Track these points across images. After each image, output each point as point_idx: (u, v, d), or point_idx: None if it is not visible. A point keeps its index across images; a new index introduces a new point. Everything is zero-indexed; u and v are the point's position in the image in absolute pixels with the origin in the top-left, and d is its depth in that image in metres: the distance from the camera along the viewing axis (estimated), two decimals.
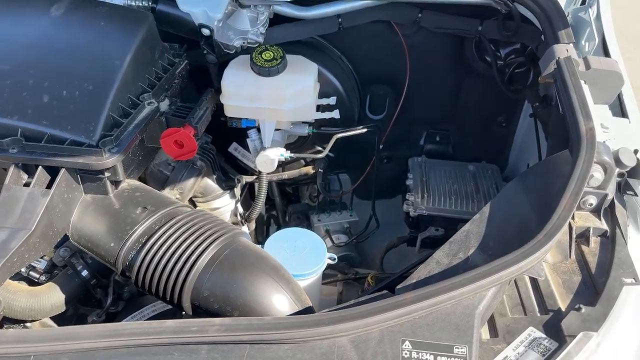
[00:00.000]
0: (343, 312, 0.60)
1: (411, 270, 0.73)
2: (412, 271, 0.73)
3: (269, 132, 1.09)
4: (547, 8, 0.96)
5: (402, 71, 1.38)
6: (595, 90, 0.92)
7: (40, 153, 0.79)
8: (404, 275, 0.77)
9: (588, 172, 0.72)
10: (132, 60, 0.90)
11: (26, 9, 0.97)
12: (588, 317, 0.68)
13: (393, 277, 0.82)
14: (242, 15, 1.10)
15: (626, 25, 4.62)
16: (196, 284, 0.73)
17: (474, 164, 1.41)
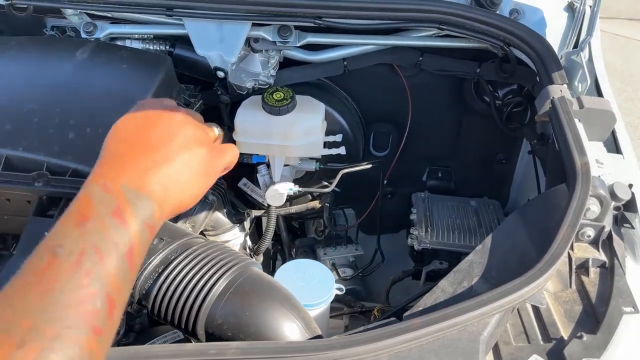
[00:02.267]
0: (354, 337, 0.63)
1: (417, 299, 0.75)
2: (418, 300, 0.76)
3: (278, 168, 1.13)
4: (541, 51, 1.02)
5: (404, 110, 1.44)
6: (590, 128, 0.97)
7: (64, 186, 0.83)
8: (410, 305, 0.80)
9: (584, 205, 0.76)
10: None
11: (53, 53, 1.04)
12: (590, 344, 0.70)
13: (400, 305, 0.84)
14: (254, 58, 1.17)
15: (621, 66, 4.75)
16: (210, 312, 0.76)
17: (476, 199, 1.45)
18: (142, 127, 0.58)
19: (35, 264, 0.43)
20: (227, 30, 1.11)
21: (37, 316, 0.39)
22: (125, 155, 0.55)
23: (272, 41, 1.15)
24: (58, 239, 0.45)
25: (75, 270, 0.43)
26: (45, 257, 0.43)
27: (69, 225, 0.46)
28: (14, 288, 0.41)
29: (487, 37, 1.08)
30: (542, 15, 1.18)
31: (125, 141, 0.57)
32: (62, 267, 0.42)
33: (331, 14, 1.06)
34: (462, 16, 1.04)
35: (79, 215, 0.47)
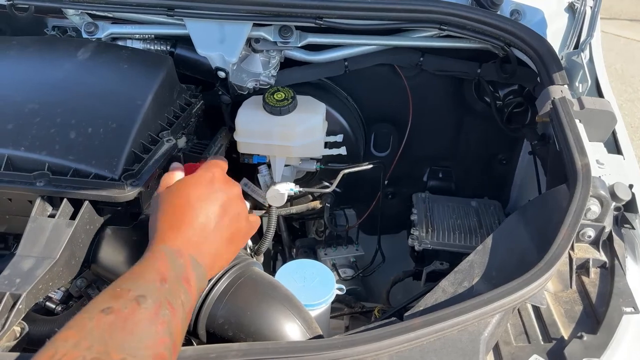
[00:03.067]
0: (354, 336, 0.63)
1: (418, 299, 0.76)
2: (418, 300, 0.76)
3: (279, 168, 1.13)
4: (542, 52, 1.02)
5: (405, 111, 1.44)
6: (590, 128, 0.97)
7: (65, 186, 0.83)
8: (411, 305, 0.80)
9: (584, 205, 0.76)
10: (153, 101, 0.96)
11: (54, 53, 1.04)
12: (590, 344, 0.70)
13: (401, 305, 0.84)
14: (255, 59, 1.17)
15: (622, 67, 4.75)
16: (211, 312, 0.76)
17: (477, 200, 1.45)
18: (207, 201, 0.71)
19: (120, 310, 0.53)
20: (228, 30, 1.11)
21: (125, 351, 0.50)
22: (191, 224, 0.68)
23: (273, 41, 1.15)
24: (141, 291, 0.56)
25: (154, 319, 0.54)
26: (130, 307, 0.54)
27: (149, 279, 0.59)
28: (100, 322, 0.52)
29: (487, 38, 1.09)
30: (543, 15, 1.18)
31: (192, 209, 0.69)
32: (144, 315, 0.54)
33: (332, 14, 1.07)
34: (463, 17, 1.05)
35: (159, 275, 0.59)
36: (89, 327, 0.51)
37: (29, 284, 0.72)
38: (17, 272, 0.74)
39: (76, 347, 0.49)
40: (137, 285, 0.57)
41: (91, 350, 0.49)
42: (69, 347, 0.49)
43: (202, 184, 0.73)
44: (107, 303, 0.54)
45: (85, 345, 0.49)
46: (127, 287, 0.57)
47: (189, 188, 0.72)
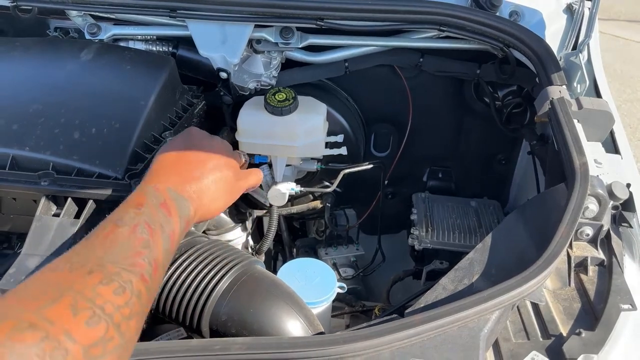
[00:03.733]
0: (356, 332, 0.64)
1: (419, 297, 0.77)
2: (419, 297, 0.77)
3: (280, 168, 1.14)
4: (540, 53, 1.03)
5: (405, 111, 1.45)
6: (588, 128, 0.98)
7: (69, 185, 0.84)
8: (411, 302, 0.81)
9: (582, 203, 0.77)
10: (156, 101, 0.97)
11: (58, 54, 1.05)
12: (588, 341, 0.71)
13: (401, 302, 0.85)
14: (257, 60, 1.18)
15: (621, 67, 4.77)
16: (215, 309, 0.77)
17: (476, 199, 1.46)
18: (185, 149, 0.77)
19: (100, 232, 0.58)
20: (230, 31, 1.12)
21: (103, 259, 0.53)
22: (171, 169, 0.74)
23: (274, 42, 1.16)
24: (119, 215, 0.61)
25: (131, 236, 0.58)
26: (109, 227, 0.59)
27: (127, 208, 0.63)
28: (81, 246, 0.56)
29: (487, 39, 1.10)
30: (541, 17, 1.19)
31: (171, 159, 0.75)
32: (122, 233, 0.58)
33: (333, 16, 1.08)
34: (462, 18, 1.06)
35: (135, 203, 0.64)
36: (72, 249, 0.56)
37: None
38: (23, 270, 0.75)
39: (58, 261, 0.53)
40: (115, 213, 0.62)
41: (70, 260, 0.53)
42: (54, 262, 0.53)
43: (179, 138, 0.82)
44: (90, 233, 0.59)
45: (66, 258, 0.53)
46: (107, 219, 0.62)
47: (173, 144, 0.80)
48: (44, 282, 0.50)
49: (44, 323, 0.43)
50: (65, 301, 0.46)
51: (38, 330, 0.43)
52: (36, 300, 0.46)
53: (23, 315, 0.44)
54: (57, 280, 0.50)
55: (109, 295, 0.50)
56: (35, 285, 0.49)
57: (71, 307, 0.46)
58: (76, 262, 0.52)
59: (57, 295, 0.47)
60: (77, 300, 0.47)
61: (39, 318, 0.44)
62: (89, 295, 0.48)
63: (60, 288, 0.48)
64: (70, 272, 0.51)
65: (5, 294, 0.49)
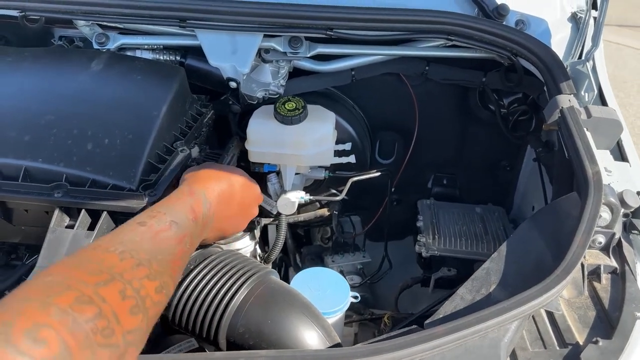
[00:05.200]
0: (378, 345, 0.64)
1: (436, 307, 0.77)
2: (436, 307, 0.77)
3: (290, 176, 1.14)
4: (549, 62, 1.04)
5: (410, 118, 1.46)
6: (597, 137, 0.99)
7: (83, 197, 0.84)
8: (429, 312, 0.81)
9: (597, 213, 0.78)
10: (167, 111, 0.97)
11: (68, 64, 1.05)
12: (605, 349, 0.72)
13: (419, 312, 0.85)
14: (265, 69, 1.18)
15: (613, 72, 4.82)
16: (232, 321, 0.77)
17: (481, 206, 1.47)
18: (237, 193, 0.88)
19: (154, 224, 0.65)
20: (240, 41, 1.12)
21: (151, 255, 0.59)
22: (213, 187, 0.83)
23: (283, 52, 1.16)
24: (174, 217, 0.68)
25: (178, 245, 0.66)
26: (162, 225, 0.65)
27: (186, 212, 0.71)
28: (133, 232, 0.62)
29: (494, 48, 1.11)
30: (547, 25, 1.20)
31: (224, 188, 0.85)
32: (172, 237, 0.65)
33: (342, 26, 1.08)
34: (471, 27, 1.07)
35: (192, 214, 0.72)
36: (123, 230, 0.62)
37: None
38: None
39: (110, 241, 0.58)
40: (172, 213, 0.69)
41: (123, 244, 0.58)
42: (106, 240, 0.58)
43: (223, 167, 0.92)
44: (143, 219, 0.65)
45: (118, 240, 0.59)
46: (163, 211, 0.68)
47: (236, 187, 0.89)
48: (98, 261, 0.53)
49: (99, 300, 0.47)
50: (116, 285, 0.50)
51: (94, 306, 0.46)
52: (92, 276, 0.49)
53: (84, 288, 0.47)
54: (109, 264, 0.53)
55: (152, 290, 0.54)
56: (89, 261, 0.53)
57: (120, 293, 0.50)
58: (127, 251, 0.56)
59: (109, 277, 0.50)
60: (126, 288, 0.51)
61: (95, 294, 0.47)
62: (136, 286, 0.52)
63: (112, 272, 0.51)
64: (120, 261, 0.54)
65: (60, 261, 0.53)
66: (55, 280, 0.47)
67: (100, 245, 0.57)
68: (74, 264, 0.52)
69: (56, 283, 0.46)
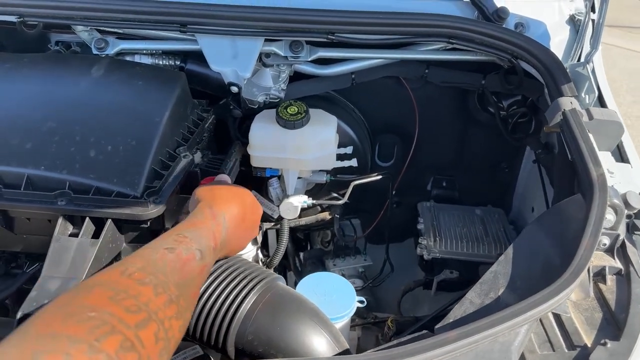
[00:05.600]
0: (391, 351, 0.63)
1: (445, 310, 0.77)
2: (445, 311, 0.77)
3: (292, 181, 1.14)
4: (549, 64, 1.05)
5: (409, 121, 1.46)
6: (599, 138, 0.99)
7: (87, 205, 0.83)
8: (438, 316, 0.81)
9: (603, 215, 0.78)
10: (170, 117, 0.96)
11: (68, 70, 1.04)
12: (614, 351, 0.72)
13: (429, 316, 0.85)
14: (266, 73, 1.18)
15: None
16: (240, 328, 0.76)
17: (481, 208, 1.47)
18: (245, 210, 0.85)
19: (181, 253, 0.63)
20: (241, 46, 1.12)
21: (179, 290, 0.58)
22: (231, 210, 0.81)
23: (284, 56, 1.16)
24: (199, 245, 0.67)
25: (199, 275, 0.66)
26: (189, 254, 0.64)
27: (206, 241, 0.70)
28: (162, 259, 0.61)
29: (495, 51, 1.11)
30: (546, 28, 1.21)
31: (238, 210, 0.82)
32: (198, 265, 0.65)
33: (344, 30, 1.08)
34: (472, 30, 1.07)
35: (213, 241, 0.72)
36: (153, 258, 0.60)
37: None
38: (45, 293, 0.74)
39: (143, 270, 0.57)
40: (197, 240, 0.68)
41: (156, 276, 0.57)
42: (137, 268, 0.57)
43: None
44: (170, 244, 0.64)
45: (150, 270, 0.57)
46: (189, 237, 0.67)
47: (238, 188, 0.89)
48: (135, 294, 0.53)
49: (139, 345, 0.48)
50: (152, 327, 0.51)
51: (135, 352, 0.47)
52: (131, 315, 0.50)
53: (126, 331, 0.48)
54: (146, 299, 0.53)
55: (177, 330, 0.55)
56: (126, 292, 0.52)
57: (155, 335, 0.50)
58: (160, 285, 0.56)
59: (147, 317, 0.51)
60: (159, 330, 0.51)
61: (136, 338, 0.48)
62: (166, 326, 0.53)
63: (148, 310, 0.52)
64: (155, 296, 0.54)
65: (92, 284, 0.53)
66: (99, 318, 0.47)
67: (133, 273, 0.56)
68: (108, 295, 0.51)
69: (101, 322, 0.47)
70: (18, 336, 0.44)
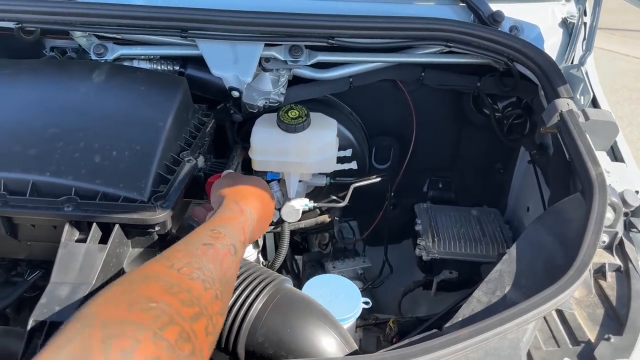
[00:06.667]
0: (404, 350, 0.64)
1: (451, 310, 0.78)
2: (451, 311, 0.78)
3: (293, 184, 1.15)
4: (545, 67, 1.07)
5: (406, 124, 1.48)
6: (594, 138, 1.02)
7: (94, 210, 0.83)
8: (443, 315, 0.82)
9: (604, 213, 0.81)
10: (173, 122, 0.96)
11: (68, 76, 1.03)
12: (618, 346, 0.74)
13: (437, 316, 0.86)
14: (265, 77, 1.19)
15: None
16: (251, 330, 0.77)
17: (477, 208, 1.49)
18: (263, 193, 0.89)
19: (219, 249, 0.65)
20: (241, 50, 1.13)
21: (222, 286, 0.61)
22: (255, 204, 0.84)
23: (284, 60, 1.17)
24: (232, 240, 0.69)
25: (235, 269, 0.68)
26: (225, 249, 0.66)
27: (237, 236, 0.72)
28: (204, 255, 0.62)
29: (491, 54, 1.13)
30: (539, 31, 1.23)
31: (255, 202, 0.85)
32: (233, 260, 0.67)
33: (344, 34, 1.09)
34: (469, 34, 1.09)
35: (243, 235, 0.74)
36: (196, 253, 0.61)
37: (69, 312, 0.71)
38: (55, 300, 0.73)
39: (189, 265, 0.58)
40: (230, 235, 0.69)
41: (202, 270, 0.58)
42: (184, 263, 0.58)
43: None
44: (208, 240, 0.65)
45: (197, 266, 0.58)
46: (223, 232, 0.68)
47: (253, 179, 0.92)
48: (187, 288, 0.55)
49: (193, 337, 0.50)
50: (203, 321, 0.53)
51: (190, 343, 0.49)
52: (186, 307, 0.52)
53: (183, 323, 0.50)
54: (197, 294, 0.55)
55: (219, 324, 0.58)
56: (179, 287, 0.54)
57: (205, 329, 0.53)
58: (207, 280, 0.58)
59: (199, 311, 0.53)
60: (209, 324, 0.54)
61: (191, 330, 0.50)
62: (214, 321, 0.56)
63: (200, 304, 0.54)
64: (204, 291, 0.56)
65: (145, 275, 0.55)
66: (159, 308, 0.50)
67: (181, 268, 0.57)
68: (164, 287, 0.53)
69: (161, 312, 0.49)
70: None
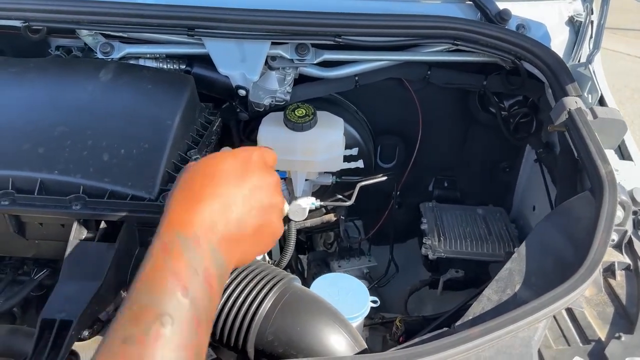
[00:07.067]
0: (415, 348, 0.64)
1: (462, 308, 0.78)
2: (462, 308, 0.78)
3: (300, 183, 1.15)
4: (553, 65, 1.07)
5: (411, 122, 1.48)
6: (603, 137, 1.01)
7: (103, 208, 0.83)
8: (455, 313, 0.82)
9: (615, 211, 0.80)
10: (181, 120, 0.96)
11: (75, 74, 1.03)
12: (629, 344, 0.73)
13: (447, 313, 0.86)
14: (272, 76, 1.19)
15: None
16: (260, 329, 0.76)
17: (482, 207, 1.49)
18: (235, 177, 0.58)
19: (144, 337, 0.46)
20: (248, 49, 1.12)
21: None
22: (211, 199, 0.55)
23: (290, 59, 1.17)
24: (161, 308, 0.47)
25: (182, 344, 0.46)
26: (153, 328, 0.46)
27: (169, 293, 0.48)
28: (127, 356, 0.45)
29: (498, 52, 1.13)
30: (546, 30, 1.23)
31: (215, 183, 0.56)
32: (171, 340, 0.46)
33: (351, 32, 1.09)
34: (477, 32, 1.09)
35: (178, 283, 0.49)
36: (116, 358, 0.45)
37: (79, 310, 0.71)
38: (64, 298, 0.73)
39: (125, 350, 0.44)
40: (156, 300, 0.48)
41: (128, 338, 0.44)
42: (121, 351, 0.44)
43: (234, 158, 0.58)
44: (127, 330, 0.46)
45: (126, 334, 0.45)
46: (145, 303, 0.47)
47: (217, 160, 0.58)
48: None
49: None
50: None
51: None
52: None
53: None
54: None
55: None
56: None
57: None
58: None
59: None
60: None
61: None
62: None
63: None
64: None
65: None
66: None
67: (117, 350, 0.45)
68: None
69: None
70: None
